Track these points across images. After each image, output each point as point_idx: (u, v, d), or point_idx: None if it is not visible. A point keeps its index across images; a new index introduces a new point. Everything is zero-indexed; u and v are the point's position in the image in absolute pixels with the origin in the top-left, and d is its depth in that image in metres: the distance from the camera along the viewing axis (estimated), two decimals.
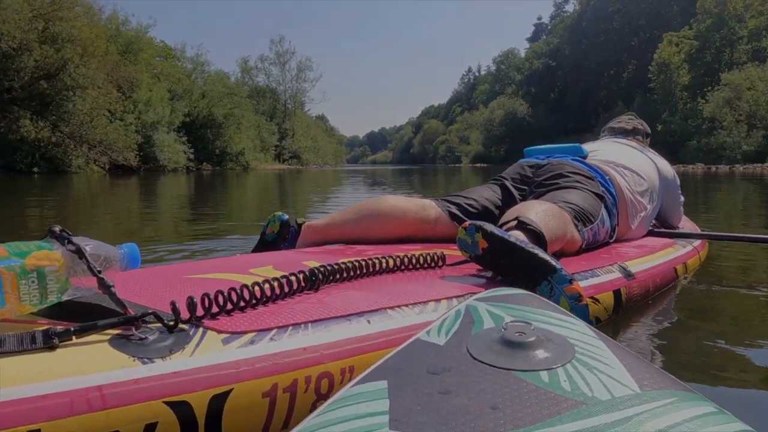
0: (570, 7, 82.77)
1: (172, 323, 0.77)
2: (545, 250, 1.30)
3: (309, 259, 1.38)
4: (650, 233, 2.16)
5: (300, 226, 1.72)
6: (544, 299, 0.82)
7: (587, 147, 2.14)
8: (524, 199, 1.83)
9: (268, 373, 0.76)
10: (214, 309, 0.83)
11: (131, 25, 35.13)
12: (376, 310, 0.95)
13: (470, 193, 1.90)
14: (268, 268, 1.26)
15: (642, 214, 2.01)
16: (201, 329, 0.79)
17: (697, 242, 2.23)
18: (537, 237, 1.32)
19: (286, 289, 0.96)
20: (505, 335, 0.66)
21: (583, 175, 1.83)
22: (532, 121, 69.90)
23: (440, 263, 1.32)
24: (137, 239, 3.35)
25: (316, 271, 1.03)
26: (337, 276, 1.10)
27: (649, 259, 1.75)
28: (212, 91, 39.52)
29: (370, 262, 1.19)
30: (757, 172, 23.97)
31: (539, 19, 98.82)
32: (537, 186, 1.86)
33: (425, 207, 1.77)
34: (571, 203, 1.64)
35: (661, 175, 2.18)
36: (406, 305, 0.99)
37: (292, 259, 1.39)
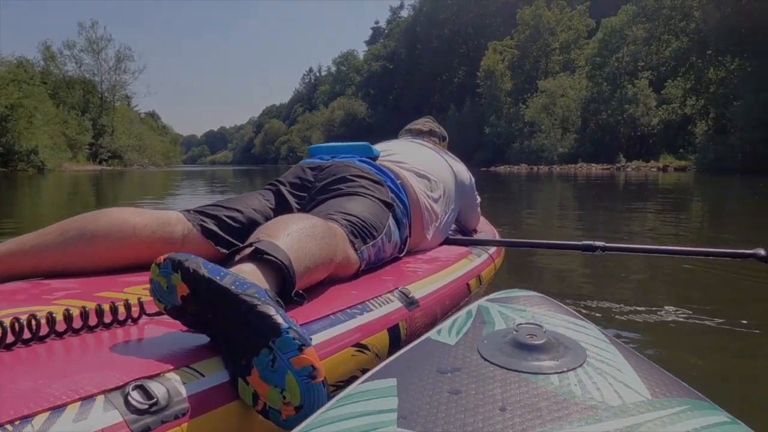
0: (405, 13, 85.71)
1: None
2: (291, 287, 0.96)
3: None
4: (446, 241, 1.99)
5: None
6: (557, 302, 0.79)
7: (380, 147, 1.93)
8: (303, 208, 1.54)
9: None
10: None
11: None
12: None
13: (234, 202, 1.50)
14: None
15: (438, 222, 1.82)
16: None
17: (493, 249, 2.09)
18: (279, 271, 0.94)
19: None
20: (516, 337, 0.66)
21: (370, 180, 1.57)
22: (371, 121, 71.13)
23: (135, 317, 0.88)
24: None
25: None
26: None
27: (440, 276, 1.51)
28: None
29: None
30: (571, 172, 26.54)
31: (376, 22, 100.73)
32: (317, 192, 1.57)
33: (168, 222, 1.35)
34: (351, 215, 1.36)
35: (458, 178, 2.02)
36: None
37: None
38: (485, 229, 2.46)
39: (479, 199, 2.28)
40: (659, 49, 36.88)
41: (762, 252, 1.72)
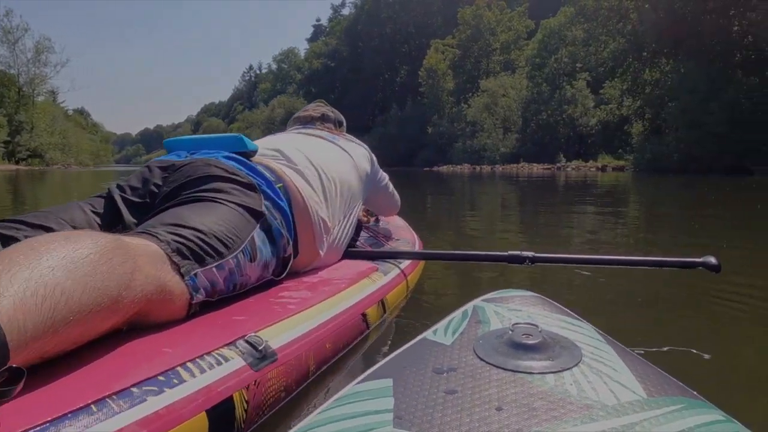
0: (347, 11, 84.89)
1: None
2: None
3: None
4: (348, 254, 1.65)
5: None
6: (553, 302, 0.79)
7: (261, 141, 1.62)
8: (141, 220, 1.17)
9: None
10: None
11: None
12: None
13: (44, 216, 1.11)
14: None
15: (335, 233, 1.53)
16: None
17: (407, 263, 1.73)
18: None
19: None
20: (512, 337, 0.66)
21: (235, 182, 1.23)
22: None
23: None
24: None
25: None
26: None
27: (321, 309, 1.12)
28: None
29: None
30: (513, 172, 26.57)
31: (318, 20, 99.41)
32: (163, 199, 1.21)
33: None
34: (185, 226, 0.98)
35: (359, 168, 1.76)
36: None
37: None
38: (406, 236, 2.09)
39: (386, 180, 2.00)
40: (597, 50, 37.41)
41: (712, 260, 1.48)
